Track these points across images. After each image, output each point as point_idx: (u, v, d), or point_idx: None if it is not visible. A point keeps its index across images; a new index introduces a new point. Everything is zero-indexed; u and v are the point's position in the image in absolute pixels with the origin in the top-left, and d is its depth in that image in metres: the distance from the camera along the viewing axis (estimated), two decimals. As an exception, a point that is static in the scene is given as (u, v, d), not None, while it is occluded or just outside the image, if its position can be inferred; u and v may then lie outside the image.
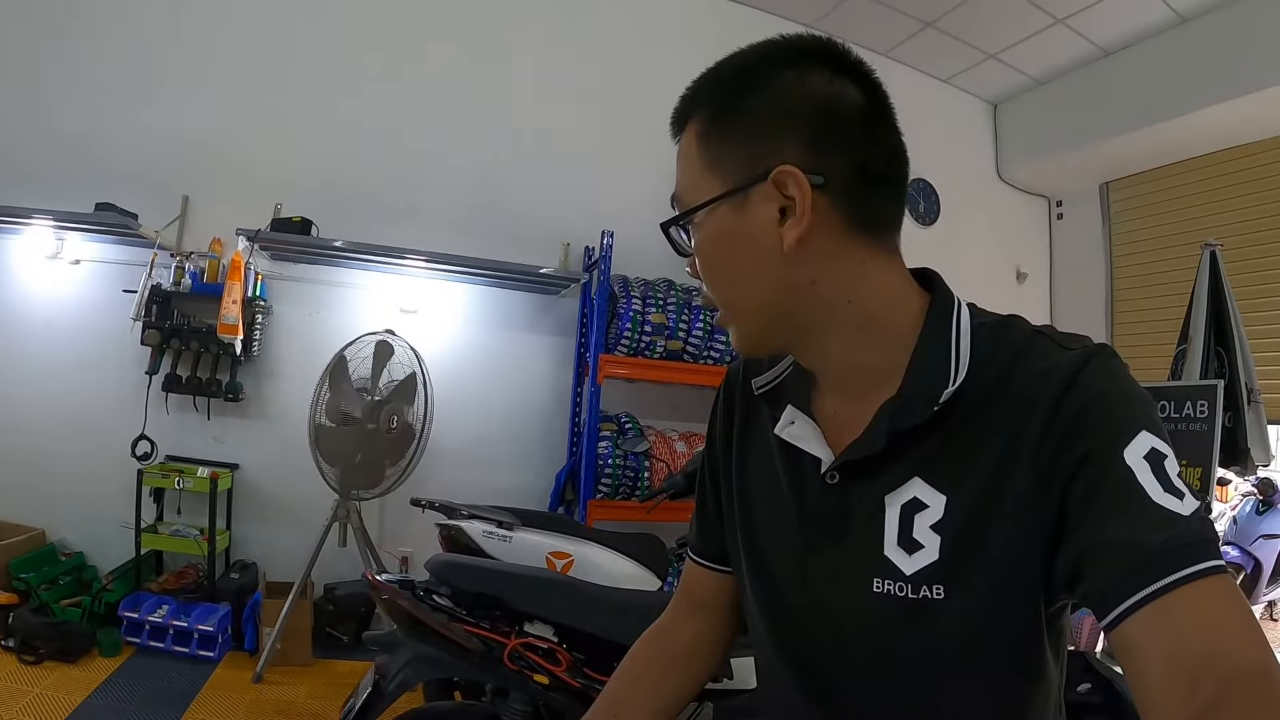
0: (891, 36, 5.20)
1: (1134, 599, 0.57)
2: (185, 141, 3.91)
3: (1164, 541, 0.58)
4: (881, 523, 0.75)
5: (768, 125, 0.73)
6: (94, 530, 3.67)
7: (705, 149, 0.76)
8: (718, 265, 0.78)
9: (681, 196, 0.79)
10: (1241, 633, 0.55)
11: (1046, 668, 0.74)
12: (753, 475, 0.92)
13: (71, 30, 3.85)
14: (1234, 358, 4.02)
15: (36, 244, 3.71)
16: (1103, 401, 0.67)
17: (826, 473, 0.80)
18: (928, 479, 0.74)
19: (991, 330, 0.77)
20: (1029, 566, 0.69)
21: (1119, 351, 0.73)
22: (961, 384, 0.73)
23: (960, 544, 0.71)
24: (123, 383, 3.72)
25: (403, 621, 2.12)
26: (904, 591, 0.73)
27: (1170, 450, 0.64)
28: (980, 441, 0.71)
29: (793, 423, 0.84)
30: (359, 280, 4.17)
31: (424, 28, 4.37)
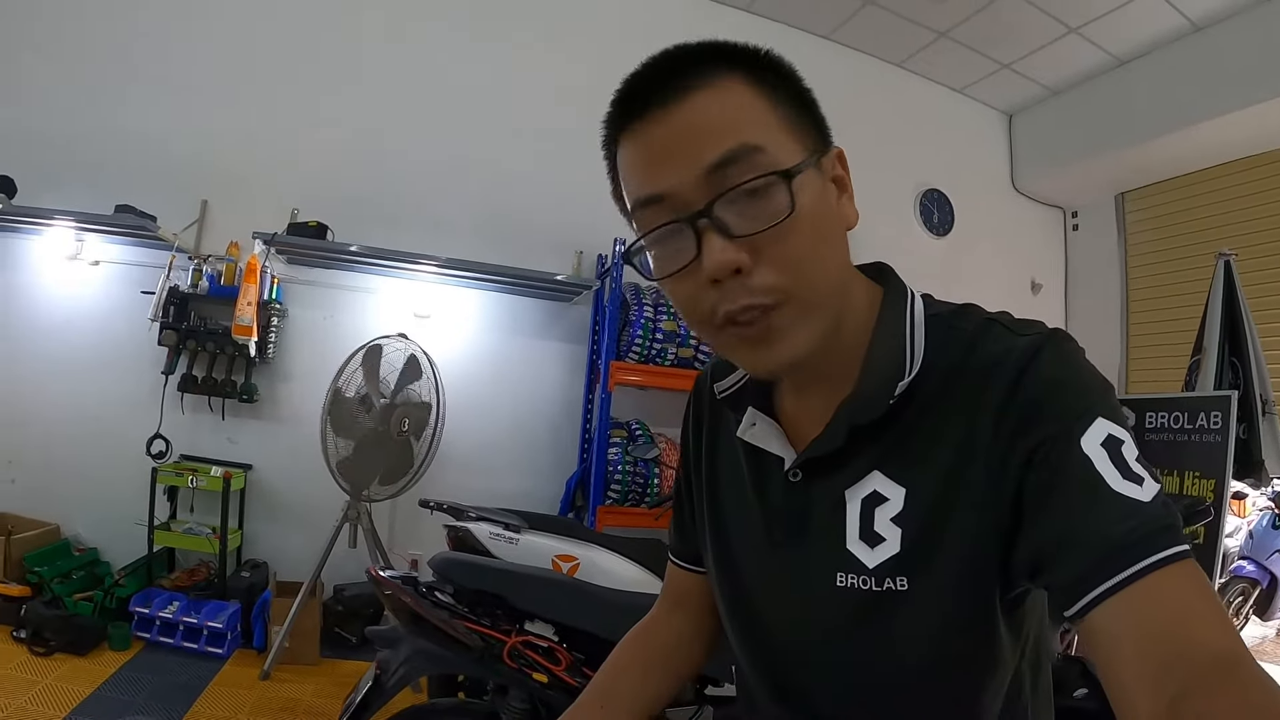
0: (906, 47, 5.21)
1: (1100, 589, 0.57)
2: (204, 146, 3.99)
3: (1127, 531, 0.58)
4: (843, 517, 0.76)
5: (806, 109, 0.73)
6: (108, 526, 3.72)
7: (774, 107, 0.69)
8: (817, 236, 0.68)
9: (765, 145, 0.66)
10: (1209, 619, 0.55)
11: (1002, 654, 0.74)
12: (721, 478, 0.93)
13: (92, 36, 3.93)
14: (1249, 368, 3.99)
15: (57, 244, 3.78)
16: (1057, 388, 0.66)
17: (789, 471, 0.80)
18: (887, 472, 0.74)
19: (945, 320, 0.76)
20: (988, 556, 0.69)
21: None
22: (916, 376, 0.73)
23: (920, 535, 0.71)
24: (139, 382, 3.78)
25: (405, 617, 2.14)
26: (868, 584, 0.74)
27: (1128, 435, 0.63)
28: (937, 433, 0.71)
29: (754, 424, 0.84)
30: (373, 285, 4.21)
31: (440, 36, 4.43)
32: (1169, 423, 4.01)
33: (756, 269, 0.66)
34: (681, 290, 0.70)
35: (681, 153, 0.66)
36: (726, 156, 0.65)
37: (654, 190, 0.68)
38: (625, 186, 0.74)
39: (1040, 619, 0.80)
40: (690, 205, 0.66)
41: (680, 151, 0.67)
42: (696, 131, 0.66)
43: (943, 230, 5.56)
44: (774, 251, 0.66)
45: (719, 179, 0.65)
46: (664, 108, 0.68)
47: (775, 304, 0.67)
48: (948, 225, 5.58)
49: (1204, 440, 3.82)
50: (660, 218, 0.69)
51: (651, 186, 0.69)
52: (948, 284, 5.20)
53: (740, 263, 0.65)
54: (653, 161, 0.69)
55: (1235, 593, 5.23)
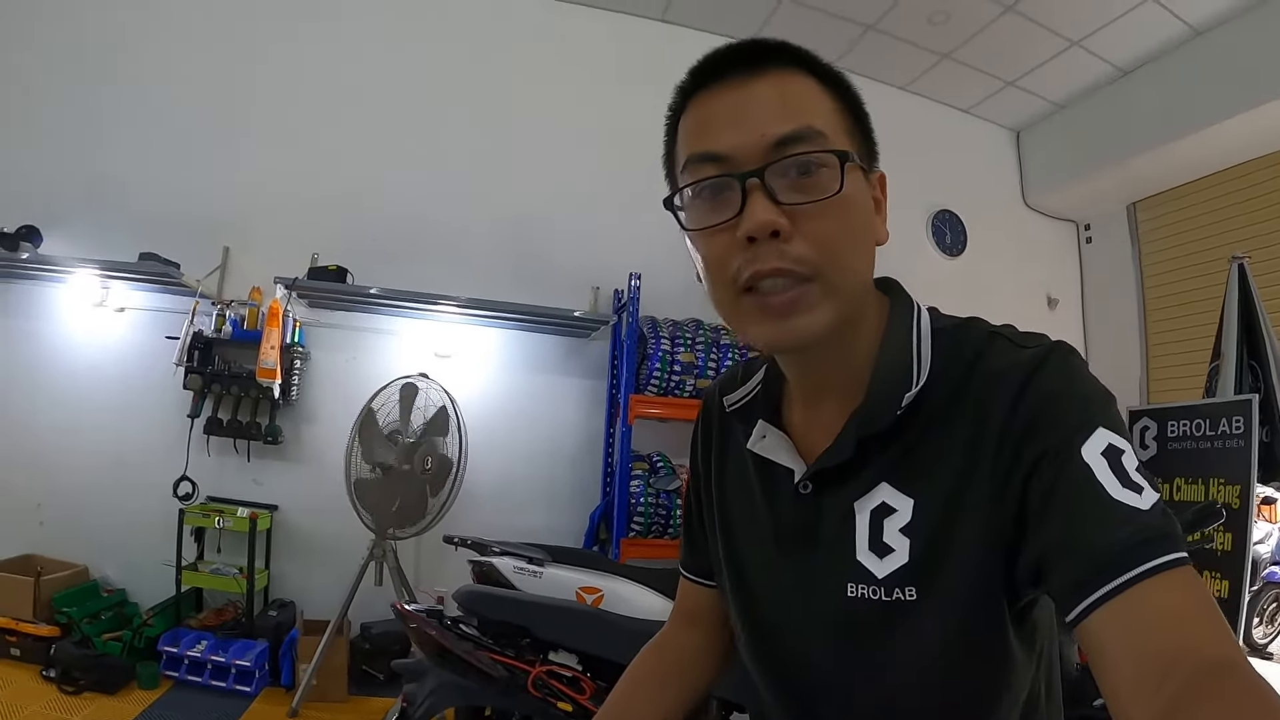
0: (910, 70, 5.26)
1: (1097, 595, 0.58)
2: (226, 193, 4.10)
3: (1125, 537, 0.59)
4: (852, 528, 0.77)
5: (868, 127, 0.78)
6: (136, 567, 3.77)
7: (837, 109, 0.74)
8: (858, 226, 0.73)
9: (829, 133, 0.71)
10: (1206, 625, 0.55)
11: (1016, 662, 0.75)
12: (731, 491, 0.94)
13: (114, 87, 4.07)
14: (1268, 371, 3.95)
15: (84, 292, 3.88)
16: (1058, 400, 0.67)
17: (799, 483, 0.81)
18: (895, 483, 0.75)
19: (951, 334, 0.78)
20: (994, 565, 0.70)
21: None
22: (923, 388, 0.74)
23: (928, 545, 0.73)
24: (166, 426, 3.85)
25: (430, 649, 2.16)
26: (877, 594, 0.75)
27: (1129, 445, 0.65)
28: (943, 444, 0.73)
29: (764, 437, 0.86)
30: (394, 326, 4.28)
31: (454, 81, 4.54)
32: (1191, 430, 3.98)
33: (794, 238, 0.68)
34: (715, 246, 0.72)
35: (750, 120, 0.70)
36: (793, 134, 0.69)
37: (715, 148, 0.71)
38: (683, 143, 0.76)
39: (1051, 630, 0.81)
40: (744, 167, 0.70)
41: (749, 119, 0.70)
42: (768, 104, 0.71)
43: (956, 250, 5.56)
44: (813, 226, 0.69)
45: (779, 150, 0.69)
46: (742, 79, 0.72)
47: (805, 275, 0.69)
48: (960, 245, 5.58)
49: (1227, 446, 3.79)
50: (712, 172, 0.72)
51: (714, 144, 0.72)
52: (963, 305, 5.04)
53: (780, 226, 0.68)
54: (720, 123, 0.72)
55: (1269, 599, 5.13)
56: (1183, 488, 3.95)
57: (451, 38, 4.58)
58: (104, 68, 4.07)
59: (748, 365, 0.97)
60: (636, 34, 4.93)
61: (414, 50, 4.51)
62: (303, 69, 4.32)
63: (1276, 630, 5.20)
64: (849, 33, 4.87)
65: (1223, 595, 3.60)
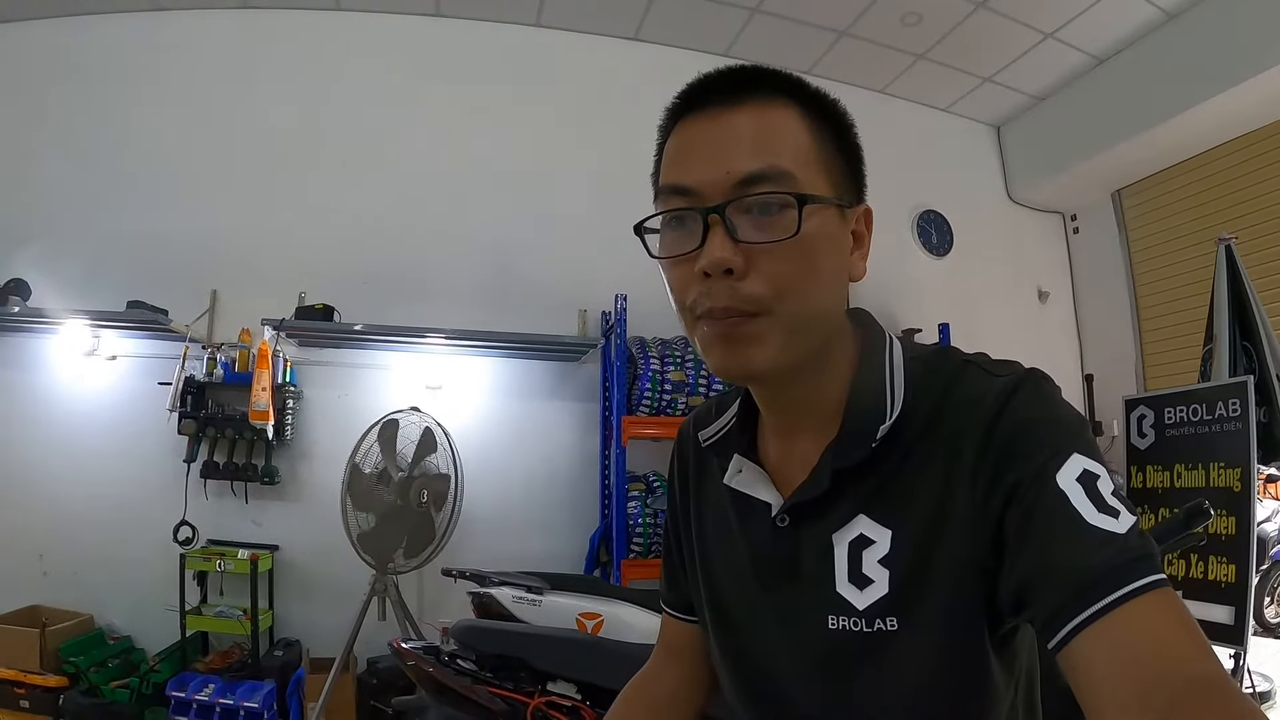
0: (885, 74, 5.28)
1: (1077, 620, 0.58)
2: (211, 238, 4.12)
3: (1103, 561, 0.59)
4: (831, 561, 0.77)
5: (850, 161, 0.78)
6: (140, 614, 3.79)
7: (817, 145, 0.74)
8: (816, 267, 0.72)
9: (796, 173, 0.70)
10: (1187, 645, 0.55)
11: (995, 689, 0.74)
12: (708, 526, 0.94)
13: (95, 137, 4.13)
14: (1261, 352, 3.93)
15: (74, 342, 3.91)
16: (1032, 428, 0.68)
17: (776, 516, 0.81)
18: (872, 515, 0.75)
19: (924, 363, 0.79)
20: (974, 594, 0.70)
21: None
22: (897, 419, 0.74)
23: (908, 576, 0.73)
24: (162, 471, 3.87)
25: (429, 686, 2.17)
26: (859, 626, 0.75)
27: (1104, 470, 0.65)
28: (919, 474, 0.73)
29: (740, 471, 0.85)
30: (384, 361, 4.29)
31: (432, 113, 4.57)
32: (1188, 416, 3.95)
33: (749, 276, 0.69)
34: (677, 275, 0.74)
35: (720, 155, 0.71)
36: (758, 173, 0.69)
37: (684, 181, 0.72)
38: (662, 170, 0.78)
39: (1031, 656, 0.81)
40: (709, 202, 0.70)
41: (719, 153, 0.71)
42: (739, 140, 0.71)
43: (943, 250, 5.54)
44: (769, 266, 0.69)
45: (742, 188, 0.69)
46: (718, 110, 0.73)
47: (754, 313, 0.70)
48: (947, 245, 5.56)
49: (1225, 429, 3.76)
50: (679, 205, 0.73)
51: (683, 177, 0.73)
52: (953, 304, 5.21)
53: (733, 264, 0.68)
54: (693, 155, 0.73)
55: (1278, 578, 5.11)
56: (1183, 474, 3.93)
57: (430, 71, 4.61)
58: (84, 115, 4.12)
59: (721, 399, 0.97)
60: (611, 55, 4.96)
61: (393, 86, 4.53)
62: (280, 112, 4.35)
63: (1290, 609, 5.17)
64: (822, 40, 4.89)
65: (1229, 580, 3.57)
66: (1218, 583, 3.61)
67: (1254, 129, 4.61)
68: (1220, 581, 3.60)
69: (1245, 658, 3.43)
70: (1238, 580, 3.54)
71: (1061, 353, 5.81)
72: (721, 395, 0.98)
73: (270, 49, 4.42)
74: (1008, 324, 5.55)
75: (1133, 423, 4.23)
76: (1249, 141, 4.67)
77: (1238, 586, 3.54)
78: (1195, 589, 3.68)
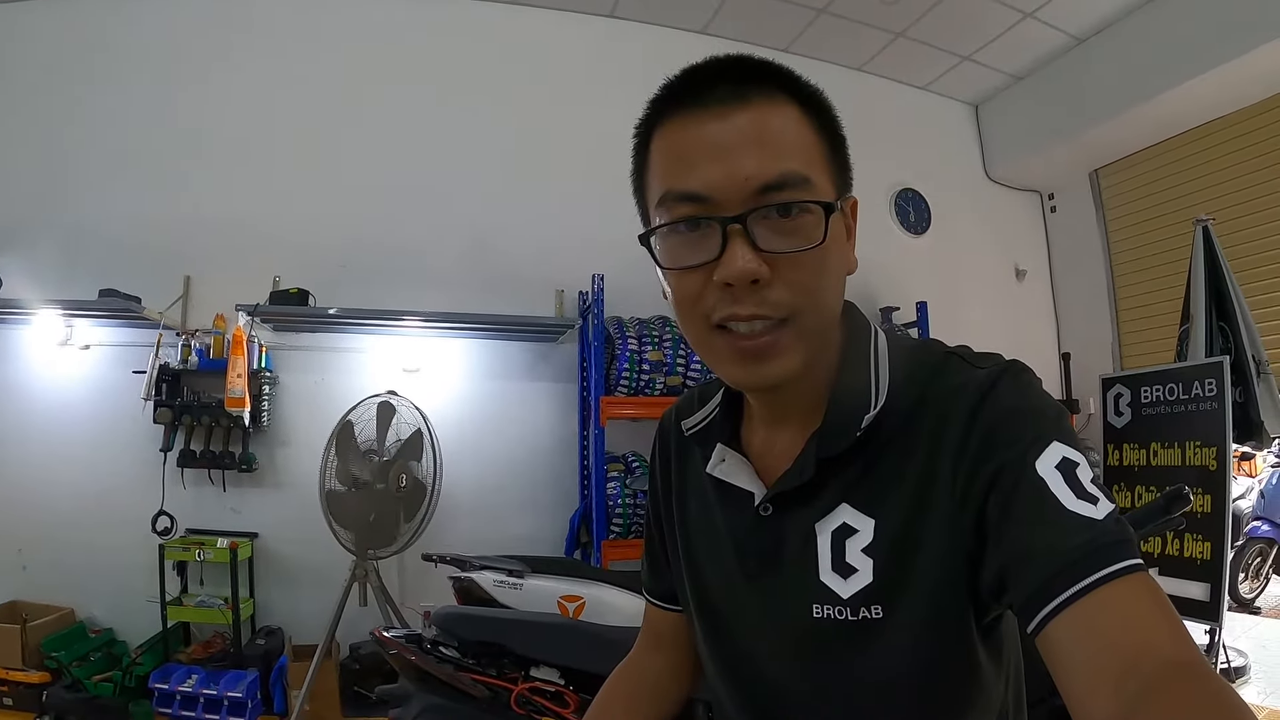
0: (863, 51, 5.25)
1: (1054, 603, 0.58)
2: (183, 224, 4.05)
3: (1079, 545, 0.59)
4: (814, 550, 0.77)
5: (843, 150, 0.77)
6: (121, 606, 3.75)
7: (819, 143, 0.73)
8: (834, 271, 0.73)
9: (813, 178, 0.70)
10: (1163, 628, 0.56)
11: (984, 678, 0.75)
12: (691, 515, 0.94)
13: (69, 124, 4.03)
14: (1238, 332, 3.98)
15: (47, 332, 3.85)
16: (1013, 416, 0.68)
17: (760, 505, 0.82)
18: (855, 504, 0.76)
19: (908, 354, 0.79)
20: (957, 582, 0.70)
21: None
22: (881, 409, 0.75)
23: (891, 565, 0.73)
24: (139, 461, 3.82)
25: (412, 674, 2.17)
26: (843, 614, 0.75)
27: (1083, 459, 0.65)
28: (901, 464, 0.74)
29: (724, 460, 0.86)
30: (361, 344, 4.25)
31: (403, 90, 4.50)
32: (1165, 395, 4.01)
33: (773, 284, 0.68)
34: (690, 284, 0.72)
35: (732, 159, 0.68)
36: (778, 180, 0.68)
37: (694, 189, 0.69)
38: (658, 172, 0.74)
39: (1017, 650, 0.82)
40: (725, 209, 0.68)
41: (731, 158, 0.68)
42: (751, 143, 0.68)
43: (921, 229, 5.56)
44: (792, 274, 0.69)
45: (762, 196, 0.68)
46: (723, 107, 0.69)
47: (782, 320, 0.70)
48: (925, 223, 5.58)
49: (1201, 409, 3.82)
50: (691, 213, 0.70)
51: (694, 183, 0.69)
52: (932, 282, 5.22)
53: (760, 274, 0.67)
54: (701, 159, 0.69)
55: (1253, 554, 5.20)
56: (1159, 452, 3.99)
57: (402, 53, 4.54)
58: (53, 107, 4.02)
59: (704, 389, 0.96)
60: (585, 32, 4.90)
61: (365, 66, 4.46)
62: (250, 93, 4.27)
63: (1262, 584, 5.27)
64: (801, 17, 4.86)
65: (1205, 557, 3.63)
66: (1194, 560, 3.67)
67: (1232, 110, 4.64)
68: (1196, 559, 3.66)
69: (1220, 634, 3.50)
70: (1213, 557, 3.61)
71: (1039, 331, 5.86)
72: (704, 385, 0.98)
73: (240, 30, 4.31)
74: (985, 302, 5.58)
75: (1109, 401, 4.29)
76: (1228, 123, 4.70)
77: (1213, 563, 3.60)
78: (1172, 566, 3.75)
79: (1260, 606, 5.25)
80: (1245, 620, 4.80)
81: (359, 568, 3.55)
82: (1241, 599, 5.11)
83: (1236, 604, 4.94)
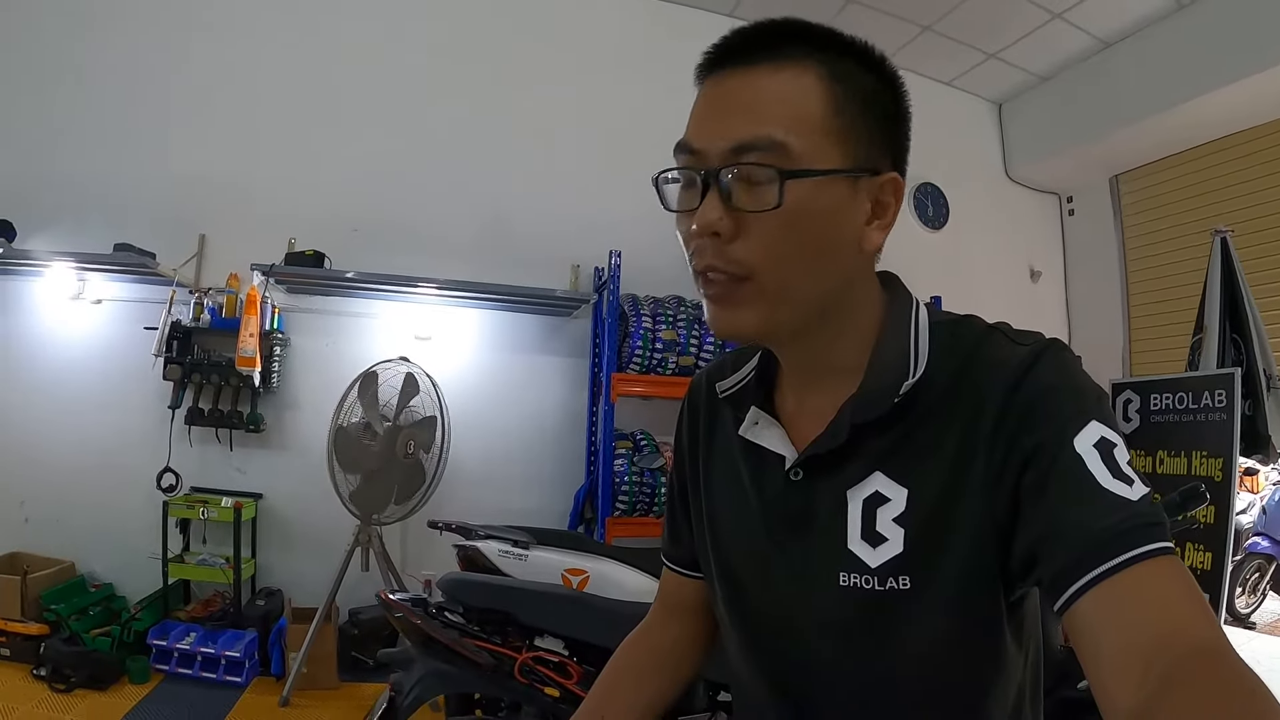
0: (890, 43, 5.19)
1: (1084, 580, 0.59)
2: (200, 181, 4.04)
3: (1113, 525, 0.60)
4: (845, 517, 0.76)
5: (885, 124, 0.75)
6: (122, 561, 3.76)
7: (832, 111, 0.71)
8: (804, 239, 0.71)
9: (791, 144, 0.68)
10: (1191, 611, 0.56)
11: (1007, 656, 0.75)
12: (718, 479, 0.93)
13: (87, 77, 4.00)
14: (1250, 345, 3.97)
15: (60, 286, 3.84)
16: (1053, 394, 0.68)
17: (791, 469, 0.81)
18: (888, 473, 0.75)
19: (948, 328, 0.79)
20: (988, 556, 0.70)
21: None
22: (920, 379, 0.74)
23: (922, 536, 0.73)
24: (147, 417, 3.83)
25: (416, 638, 2.16)
26: (870, 584, 0.74)
27: (1120, 439, 0.65)
28: (938, 435, 0.73)
29: (756, 423, 0.85)
30: (374, 310, 4.25)
31: (426, 61, 4.48)
32: (1174, 404, 4.00)
33: (735, 240, 0.70)
34: (682, 228, 0.75)
35: (721, 119, 0.71)
36: (747, 143, 0.69)
37: (690, 142, 0.73)
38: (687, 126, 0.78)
39: (1037, 624, 0.81)
40: (709, 164, 0.71)
41: (721, 117, 0.71)
42: (739, 106, 0.71)
43: (938, 224, 5.55)
44: (755, 232, 0.70)
45: (735, 156, 0.69)
46: (738, 69, 0.72)
47: (738, 275, 0.71)
48: (943, 218, 5.57)
49: (1210, 419, 3.80)
50: (684, 163, 0.74)
51: (690, 137, 0.73)
52: (946, 277, 5.19)
53: (719, 228, 0.69)
54: (701, 117, 0.74)
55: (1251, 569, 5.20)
56: (1165, 460, 3.98)
57: (423, 21, 4.50)
58: (70, 59, 3.99)
59: (739, 354, 0.95)
60: (613, 9, 4.87)
61: (387, 34, 4.43)
62: (273, 55, 4.24)
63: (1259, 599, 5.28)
64: (830, 5, 4.82)
65: (1205, 567, 3.63)
66: (1194, 569, 3.67)
67: (1256, 124, 4.62)
68: (1197, 568, 3.66)
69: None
70: (1213, 568, 3.60)
71: (1050, 332, 5.67)
72: (739, 350, 0.96)
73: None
74: (999, 300, 5.57)
75: (1119, 407, 4.27)
76: (1250, 136, 4.68)
77: (1213, 574, 3.60)
78: (1171, 574, 3.73)
79: (1255, 622, 5.26)
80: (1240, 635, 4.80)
81: (362, 532, 3.55)
82: (1237, 614, 5.12)
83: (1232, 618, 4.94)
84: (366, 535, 3.56)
